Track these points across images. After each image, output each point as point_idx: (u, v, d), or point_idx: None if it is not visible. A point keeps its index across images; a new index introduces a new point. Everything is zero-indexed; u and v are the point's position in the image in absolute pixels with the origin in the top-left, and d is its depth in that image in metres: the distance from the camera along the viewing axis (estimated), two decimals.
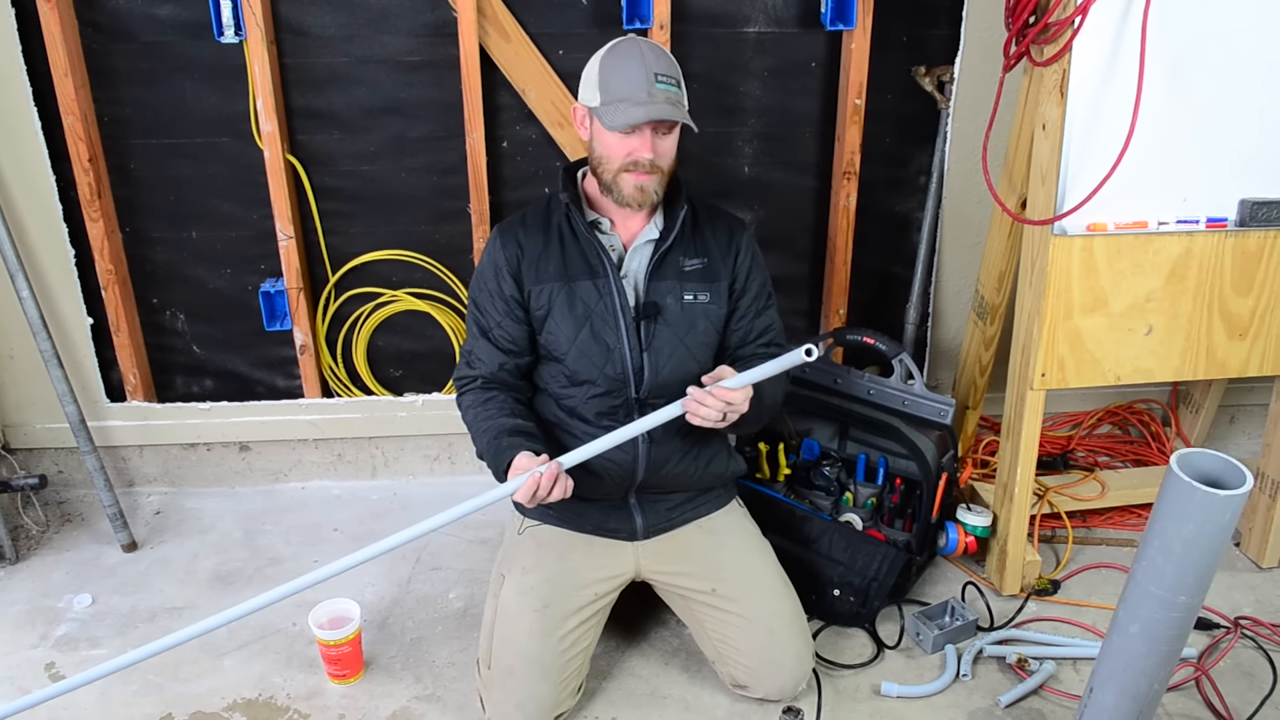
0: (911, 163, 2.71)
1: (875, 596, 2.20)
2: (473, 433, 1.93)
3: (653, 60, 1.81)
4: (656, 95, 1.79)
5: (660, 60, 1.83)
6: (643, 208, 1.89)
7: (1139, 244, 2.11)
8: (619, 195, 1.87)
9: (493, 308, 1.95)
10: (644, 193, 1.85)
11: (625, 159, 1.83)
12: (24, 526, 2.59)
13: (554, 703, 1.89)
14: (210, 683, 2.08)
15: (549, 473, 1.70)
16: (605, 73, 1.83)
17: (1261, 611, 2.28)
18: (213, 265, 2.60)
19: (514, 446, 1.80)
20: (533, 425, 1.91)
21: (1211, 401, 2.87)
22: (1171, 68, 2.01)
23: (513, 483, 1.72)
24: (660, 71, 1.81)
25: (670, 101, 1.80)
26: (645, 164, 1.82)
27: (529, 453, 1.77)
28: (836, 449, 2.50)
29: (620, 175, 1.85)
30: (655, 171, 1.85)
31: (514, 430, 1.86)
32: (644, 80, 1.79)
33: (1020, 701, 2.02)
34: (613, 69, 1.82)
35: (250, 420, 2.73)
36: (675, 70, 1.85)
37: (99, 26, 2.34)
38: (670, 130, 1.85)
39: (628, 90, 1.79)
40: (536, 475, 1.69)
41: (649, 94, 1.78)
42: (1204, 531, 1.48)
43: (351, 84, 2.45)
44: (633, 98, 1.79)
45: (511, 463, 1.77)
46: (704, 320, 1.96)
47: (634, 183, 1.85)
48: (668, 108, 1.79)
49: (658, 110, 1.78)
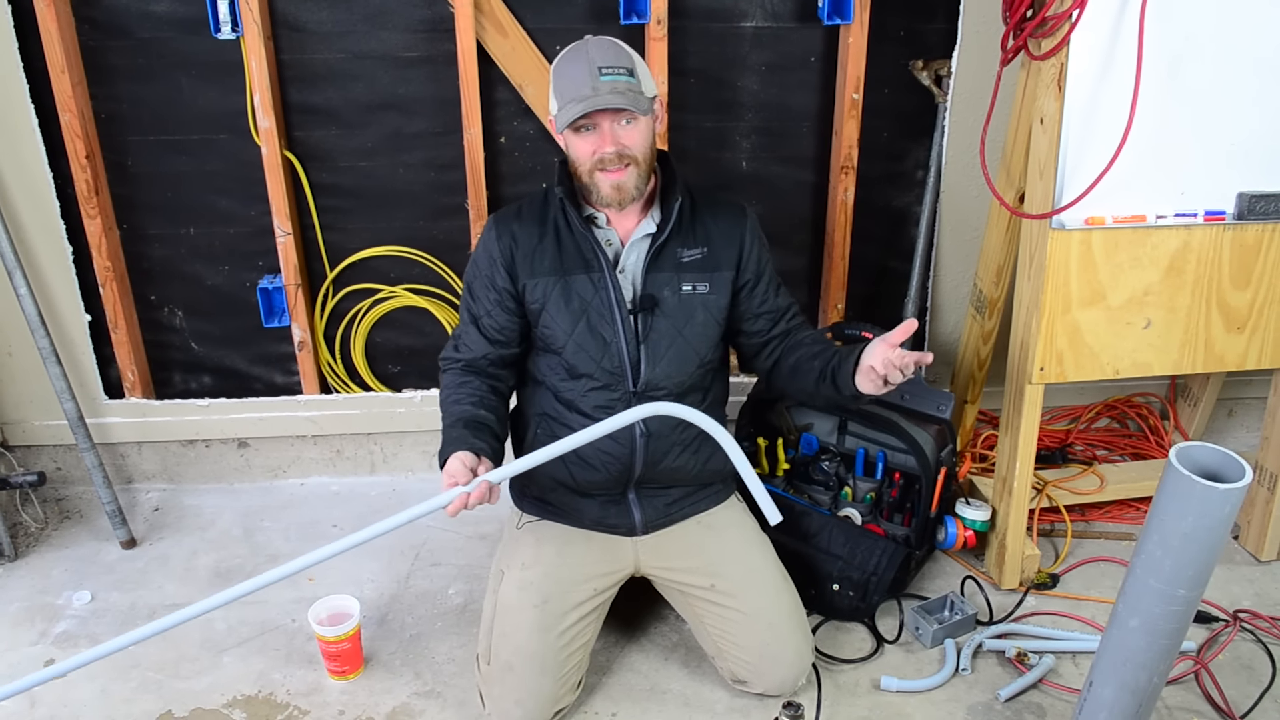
0: (909, 157, 2.70)
1: (874, 591, 2.20)
2: (442, 413, 1.93)
3: (597, 54, 1.80)
4: (601, 88, 1.77)
5: (606, 52, 1.81)
6: (624, 206, 1.88)
7: (1137, 237, 2.11)
8: (598, 196, 1.86)
9: (485, 296, 1.95)
10: (621, 190, 1.84)
11: (592, 158, 1.82)
12: (23, 524, 2.59)
13: (554, 698, 1.89)
14: (210, 679, 2.08)
15: (476, 494, 1.68)
16: (555, 78, 1.84)
17: (1260, 604, 2.28)
18: (210, 262, 2.60)
19: (459, 441, 1.78)
20: (494, 418, 1.89)
21: (1210, 395, 2.87)
22: (1169, 61, 2.00)
23: (442, 497, 1.69)
24: (605, 64, 1.79)
25: (615, 91, 1.77)
26: (611, 158, 1.81)
27: (466, 454, 1.75)
28: (835, 443, 2.50)
29: (594, 176, 1.84)
30: (628, 164, 1.82)
31: (469, 421, 1.84)
32: (587, 75, 1.77)
33: (1020, 695, 2.02)
34: (560, 73, 1.83)
35: (249, 417, 2.73)
36: (625, 60, 1.82)
37: (96, 23, 2.33)
38: (634, 119, 1.82)
39: (573, 89, 1.79)
40: (464, 496, 1.68)
41: (593, 88, 1.77)
42: (1203, 525, 1.48)
43: (349, 80, 2.44)
44: (577, 95, 1.78)
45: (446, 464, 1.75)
46: (703, 311, 1.95)
47: (608, 181, 1.83)
48: (610, 96, 1.77)
49: (600, 101, 1.76)
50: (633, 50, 1.86)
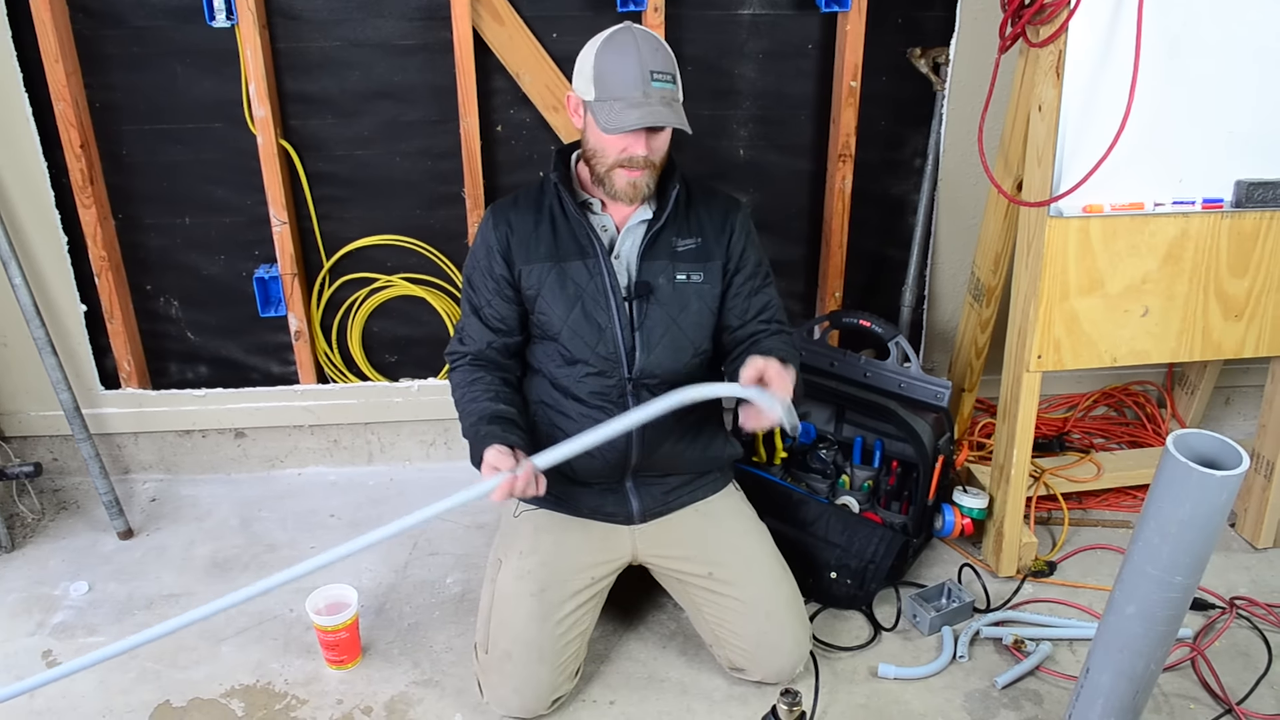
0: (907, 145, 2.70)
1: (872, 579, 2.20)
2: (459, 412, 1.94)
3: (649, 57, 1.78)
4: (652, 95, 1.76)
5: (656, 56, 1.79)
6: (634, 202, 1.88)
7: (1135, 225, 2.11)
8: (611, 189, 1.86)
9: (484, 286, 1.95)
10: (636, 188, 1.84)
11: (620, 155, 1.81)
12: (20, 515, 2.59)
13: (552, 686, 1.89)
14: (208, 669, 2.08)
15: (524, 476, 1.69)
16: (600, 67, 1.79)
17: (1256, 591, 2.28)
18: (206, 251, 2.59)
19: (490, 437, 1.79)
20: (515, 411, 1.90)
21: (1207, 383, 2.87)
22: (1168, 48, 2.00)
23: (489, 483, 1.69)
24: (656, 69, 1.77)
25: (666, 101, 1.77)
26: (639, 160, 1.81)
27: (502, 446, 1.75)
28: (833, 432, 2.50)
29: (614, 171, 1.83)
30: (649, 167, 1.83)
31: (494, 417, 1.85)
32: (639, 79, 1.76)
33: (1017, 683, 2.02)
34: (608, 65, 1.79)
35: (245, 407, 2.72)
36: (671, 65, 1.81)
37: (89, 11, 2.32)
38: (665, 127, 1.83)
39: (623, 89, 1.77)
40: (511, 479, 1.68)
41: (645, 94, 1.76)
42: (1200, 512, 1.48)
43: (344, 68, 2.43)
44: (628, 98, 1.76)
45: (484, 456, 1.75)
46: (697, 300, 1.95)
47: (627, 179, 1.83)
48: (663, 110, 1.76)
49: (653, 115, 1.75)
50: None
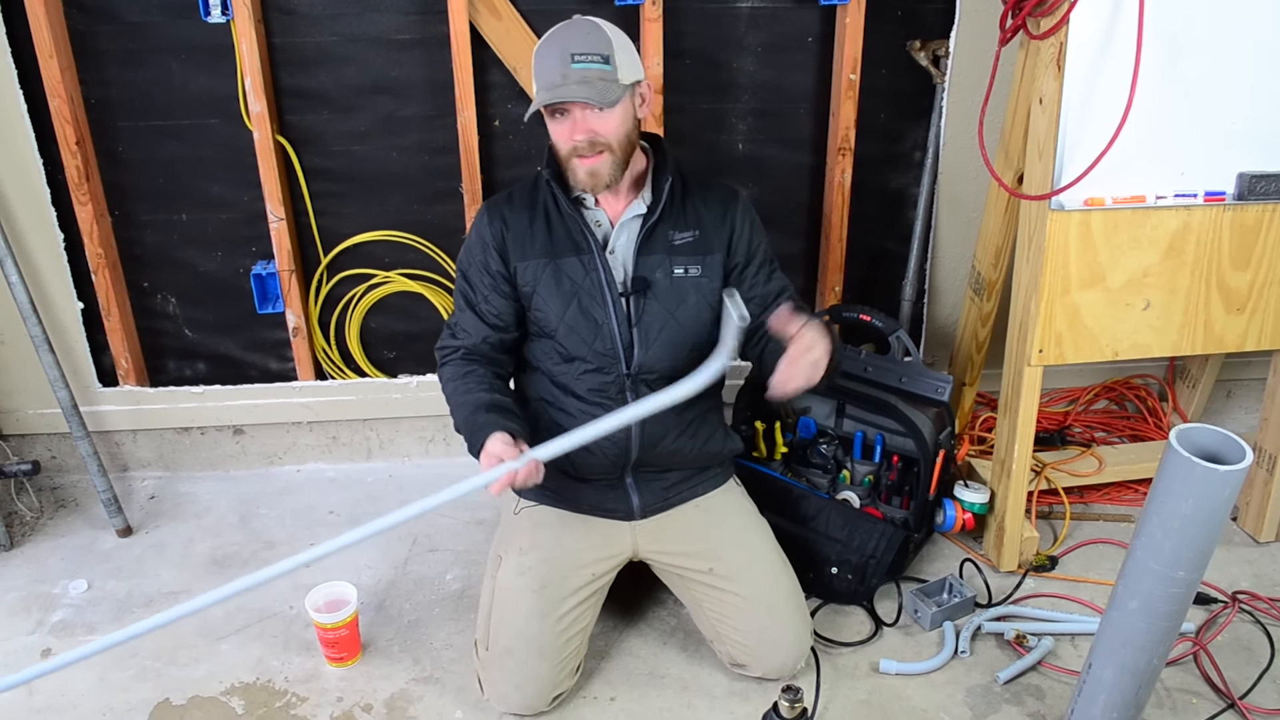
0: (907, 138, 2.69)
1: (873, 574, 2.20)
2: (450, 405, 1.92)
3: (575, 40, 1.76)
4: (570, 76, 1.74)
5: (583, 39, 1.76)
6: (598, 190, 1.85)
7: (1136, 218, 2.10)
8: (574, 181, 1.85)
9: (480, 282, 1.94)
10: (595, 177, 1.81)
11: (565, 145, 1.81)
12: (18, 513, 2.58)
13: (552, 683, 1.89)
14: (208, 667, 2.07)
15: (525, 469, 1.67)
16: (533, 62, 1.81)
17: (1259, 586, 2.28)
18: (203, 248, 2.58)
19: (489, 425, 1.77)
20: (510, 401, 1.89)
21: (1209, 376, 2.87)
22: (1169, 41, 1.99)
23: (491, 474, 1.68)
24: (578, 51, 1.75)
25: (585, 80, 1.74)
26: (584, 146, 1.78)
27: (504, 434, 1.74)
28: (833, 427, 2.49)
29: (570, 162, 1.82)
30: (601, 151, 1.79)
31: (490, 406, 1.83)
32: (559, 63, 1.75)
33: (1019, 678, 2.02)
34: (537, 56, 1.80)
35: (244, 404, 2.71)
36: (601, 45, 1.77)
37: (84, 7, 2.31)
38: (607, 106, 1.77)
39: (546, 77, 1.76)
40: (513, 471, 1.67)
41: (562, 76, 1.74)
42: (1203, 507, 1.48)
43: (341, 63, 2.42)
44: (547, 83, 1.75)
45: (484, 445, 1.74)
46: (695, 294, 1.94)
47: (583, 167, 1.81)
48: (576, 88, 1.73)
49: (566, 92, 1.73)
50: (618, 33, 1.81)
